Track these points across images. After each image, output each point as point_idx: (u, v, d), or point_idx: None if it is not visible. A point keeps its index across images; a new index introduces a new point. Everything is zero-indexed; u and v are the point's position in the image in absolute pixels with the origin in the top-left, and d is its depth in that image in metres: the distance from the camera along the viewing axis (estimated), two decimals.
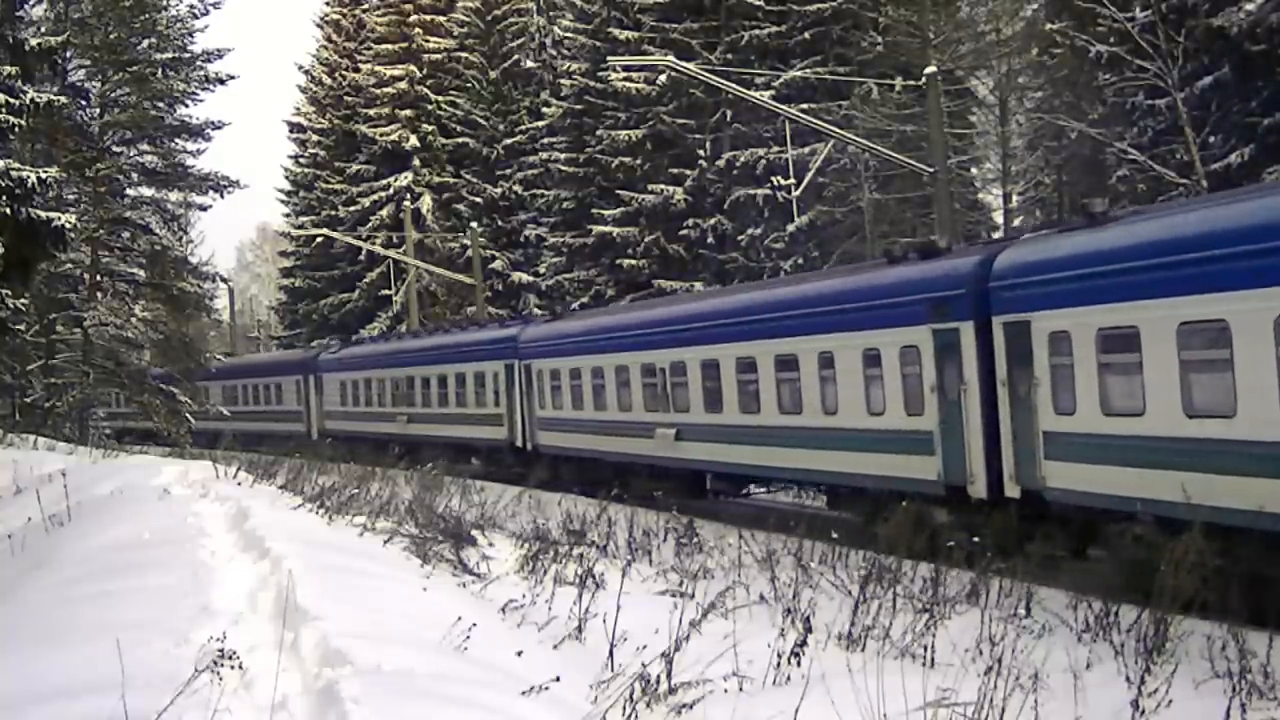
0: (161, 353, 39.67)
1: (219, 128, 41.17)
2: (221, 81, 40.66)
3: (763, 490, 24.00)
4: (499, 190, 54.58)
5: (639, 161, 42.54)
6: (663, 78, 39.48)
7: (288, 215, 68.25)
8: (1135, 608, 11.19)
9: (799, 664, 8.90)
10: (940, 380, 16.09)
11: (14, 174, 23.51)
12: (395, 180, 56.70)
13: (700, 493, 24.08)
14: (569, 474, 27.42)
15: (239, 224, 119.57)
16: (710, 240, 40.69)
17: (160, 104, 40.06)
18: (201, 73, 40.45)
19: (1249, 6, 23.90)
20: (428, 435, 34.97)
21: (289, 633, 7.37)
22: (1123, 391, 13.35)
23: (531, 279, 51.52)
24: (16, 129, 25.22)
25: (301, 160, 64.82)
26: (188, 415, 39.08)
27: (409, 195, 55.15)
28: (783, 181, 30.83)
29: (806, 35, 39.26)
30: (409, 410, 36.53)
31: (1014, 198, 36.98)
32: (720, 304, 23.71)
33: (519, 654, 8.26)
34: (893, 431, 17.09)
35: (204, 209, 42.72)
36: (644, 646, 8.45)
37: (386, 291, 54.03)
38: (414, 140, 56.74)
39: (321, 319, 60.25)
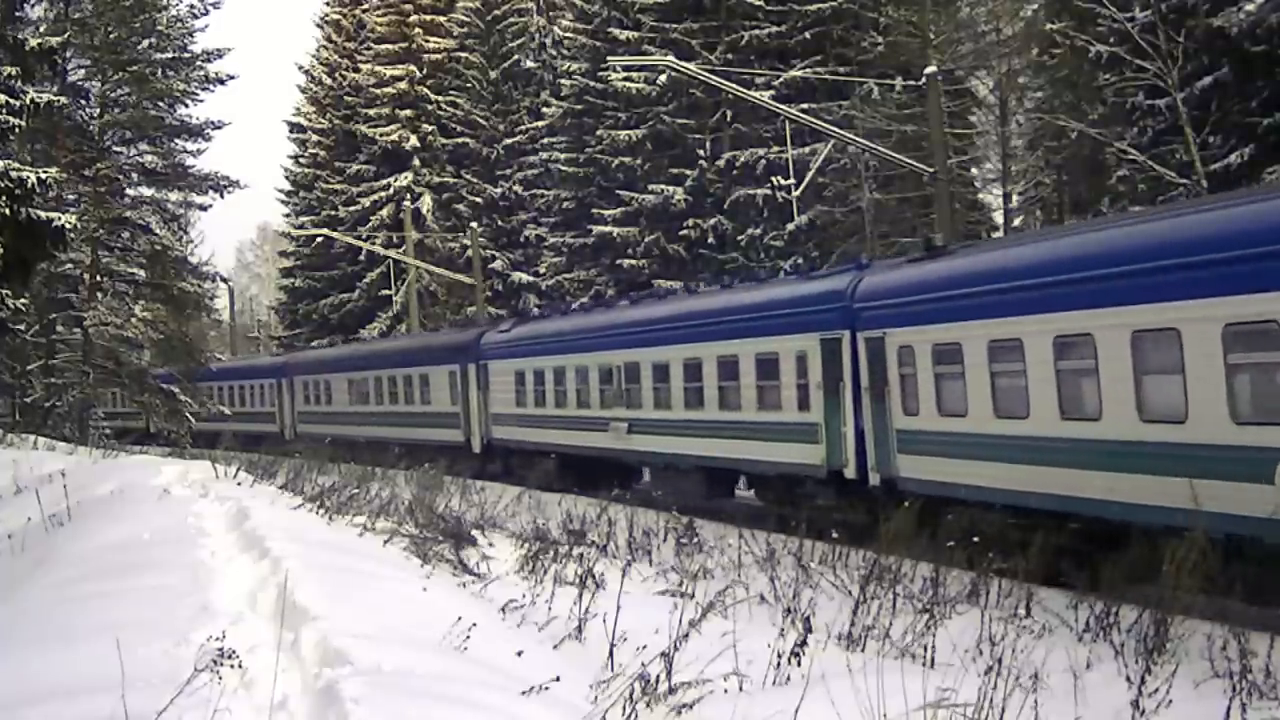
0: (161, 353, 39.64)
1: (219, 128, 41.24)
2: (221, 81, 40.72)
3: None
4: (499, 190, 54.60)
5: (639, 161, 42.55)
6: (663, 78, 39.48)
7: (288, 215, 68.31)
8: (1135, 608, 11.20)
9: (799, 664, 8.89)
10: None
11: (14, 174, 23.50)
12: (395, 180, 56.72)
13: None
14: (960, 529, 14.20)
15: (239, 224, 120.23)
16: (710, 240, 40.70)
17: (160, 104, 40.09)
18: (201, 73, 40.49)
19: (1249, 6, 23.85)
20: (663, 452, 24.49)
21: (289, 633, 7.37)
22: None
23: (531, 279, 51.56)
24: (16, 129, 25.21)
25: (301, 160, 64.83)
26: (188, 415, 39.08)
27: (409, 195, 55.16)
28: (783, 181, 30.83)
29: (806, 35, 39.26)
30: (630, 415, 25.41)
31: (1014, 198, 36.96)
32: None
33: (519, 654, 8.25)
34: None
35: (204, 209, 42.70)
36: (644, 646, 8.44)
37: (386, 291, 54.05)
38: (414, 140, 56.76)
39: (321, 319, 60.27)
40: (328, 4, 66.82)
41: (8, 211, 23.38)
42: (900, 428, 17.44)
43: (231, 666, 6.13)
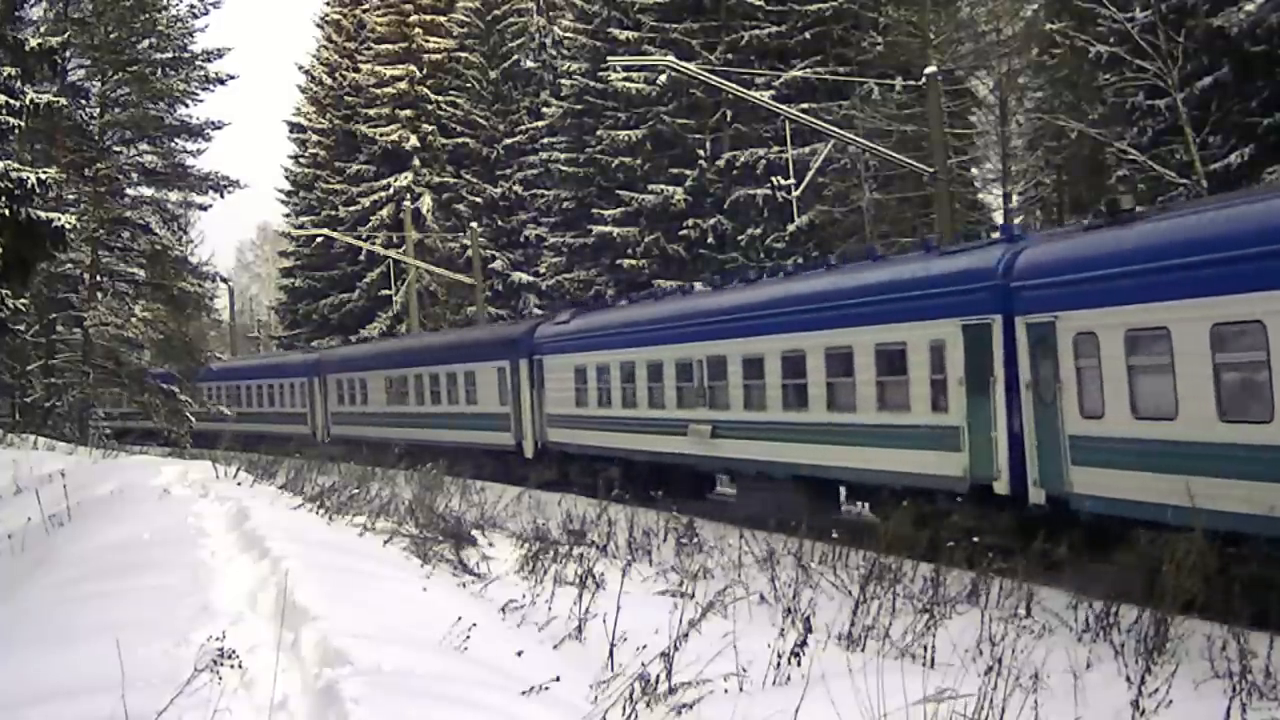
0: (161, 353, 39.62)
1: (219, 128, 41.21)
2: (221, 81, 40.71)
3: None
4: (499, 190, 54.61)
5: (639, 161, 42.57)
6: (663, 78, 39.51)
7: (288, 215, 68.35)
8: (1135, 608, 11.20)
9: (799, 664, 8.89)
10: None
11: (14, 174, 23.49)
12: (395, 180, 56.73)
13: None
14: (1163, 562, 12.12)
15: (239, 224, 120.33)
16: (710, 240, 40.71)
17: (160, 104, 40.07)
18: (201, 73, 40.48)
19: (1249, 7, 23.87)
20: (755, 459, 21.15)
21: (289, 633, 7.37)
22: None
23: (531, 279, 51.57)
24: (16, 129, 25.20)
25: (301, 160, 64.85)
26: (188, 415, 39.05)
27: (409, 195, 55.17)
28: (783, 181, 30.85)
29: (806, 35, 39.29)
30: (715, 416, 22.16)
31: (1014, 198, 36.95)
32: None
33: (519, 654, 8.25)
34: None
35: (204, 209, 42.67)
36: (644, 646, 8.44)
37: (386, 291, 54.06)
38: (414, 140, 56.76)
39: (321, 319, 60.28)
40: (328, 4, 66.88)
41: (8, 211, 23.37)
42: (1076, 433, 14.11)
43: (231, 666, 6.13)
